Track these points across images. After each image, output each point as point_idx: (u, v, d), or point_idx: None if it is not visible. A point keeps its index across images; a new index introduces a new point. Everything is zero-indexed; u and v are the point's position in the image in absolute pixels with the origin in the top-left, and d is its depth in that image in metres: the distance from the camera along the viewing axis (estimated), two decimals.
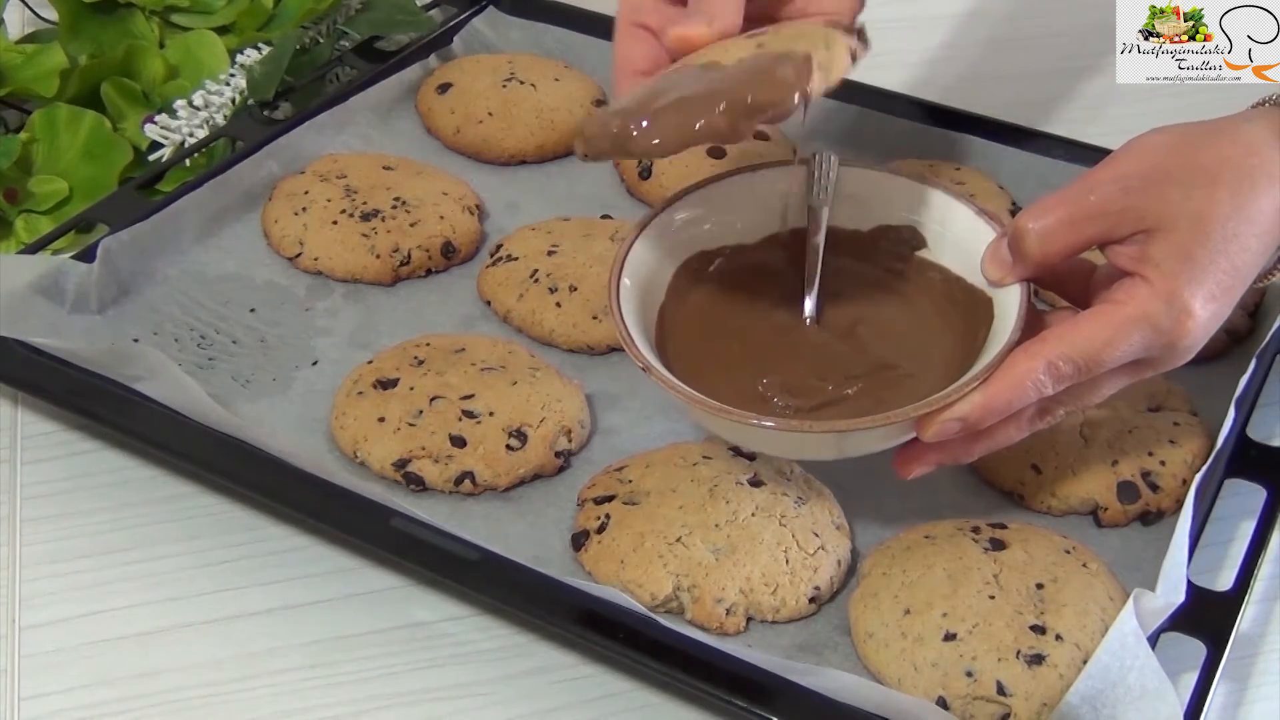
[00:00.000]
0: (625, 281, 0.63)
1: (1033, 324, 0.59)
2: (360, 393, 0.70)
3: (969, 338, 0.62)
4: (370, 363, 0.72)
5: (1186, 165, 0.57)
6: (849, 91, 0.90)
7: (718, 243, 0.67)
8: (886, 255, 0.67)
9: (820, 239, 0.66)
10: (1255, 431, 0.68)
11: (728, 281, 0.67)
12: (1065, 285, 0.62)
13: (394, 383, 0.70)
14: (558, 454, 0.68)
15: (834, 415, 0.60)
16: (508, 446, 0.67)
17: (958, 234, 0.65)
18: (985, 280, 0.62)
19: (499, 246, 0.81)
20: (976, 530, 0.63)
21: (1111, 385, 0.60)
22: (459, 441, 0.67)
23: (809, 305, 0.66)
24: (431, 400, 0.68)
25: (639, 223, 0.65)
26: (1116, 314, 0.57)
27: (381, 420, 0.68)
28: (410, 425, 0.67)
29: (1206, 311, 0.57)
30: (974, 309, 0.63)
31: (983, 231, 0.63)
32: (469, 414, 0.68)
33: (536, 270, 0.77)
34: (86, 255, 0.76)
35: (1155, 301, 0.57)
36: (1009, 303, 0.60)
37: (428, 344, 0.73)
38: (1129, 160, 0.58)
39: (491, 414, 0.68)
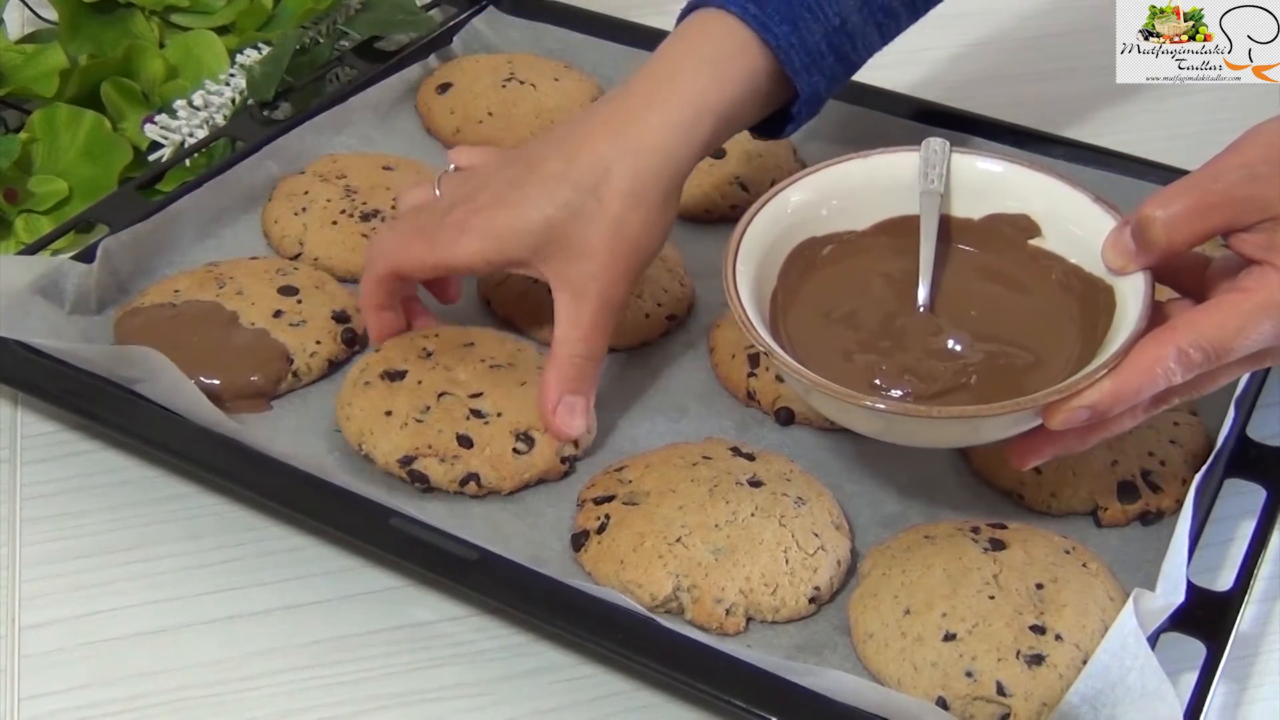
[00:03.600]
0: (740, 268, 0.63)
1: (1152, 315, 0.59)
2: (367, 383, 0.69)
3: (1088, 327, 0.62)
4: (378, 351, 0.72)
5: None
6: (849, 91, 0.90)
7: (829, 228, 0.68)
8: (1000, 243, 0.67)
9: (933, 226, 0.66)
10: (1255, 431, 0.68)
11: (840, 268, 0.67)
12: (1180, 278, 0.62)
13: (402, 374, 0.69)
14: (563, 460, 0.68)
15: (956, 402, 0.61)
16: (515, 450, 0.67)
17: (1074, 222, 0.65)
18: (1106, 268, 0.62)
19: None
20: (976, 530, 0.63)
21: (1231, 374, 0.60)
22: (466, 442, 0.67)
23: (922, 293, 0.65)
24: (439, 396, 0.68)
25: (753, 208, 0.65)
26: (1246, 302, 0.57)
27: (389, 414, 0.68)
28: (418, 421, 0.67)
29: None
30: (1093, 298, 0.63)
31: (1100, 219, 0.63)
32: (477, 413, 0.68)
33: None
34: (86, 255, 0.76)
35: None
36: (1130, 291, 0.60)
37: (436, 335, 0.72)
38: (1254, 147, 0.58)
39: (500, 415, 0.68)
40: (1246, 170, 0.57)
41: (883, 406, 0.59)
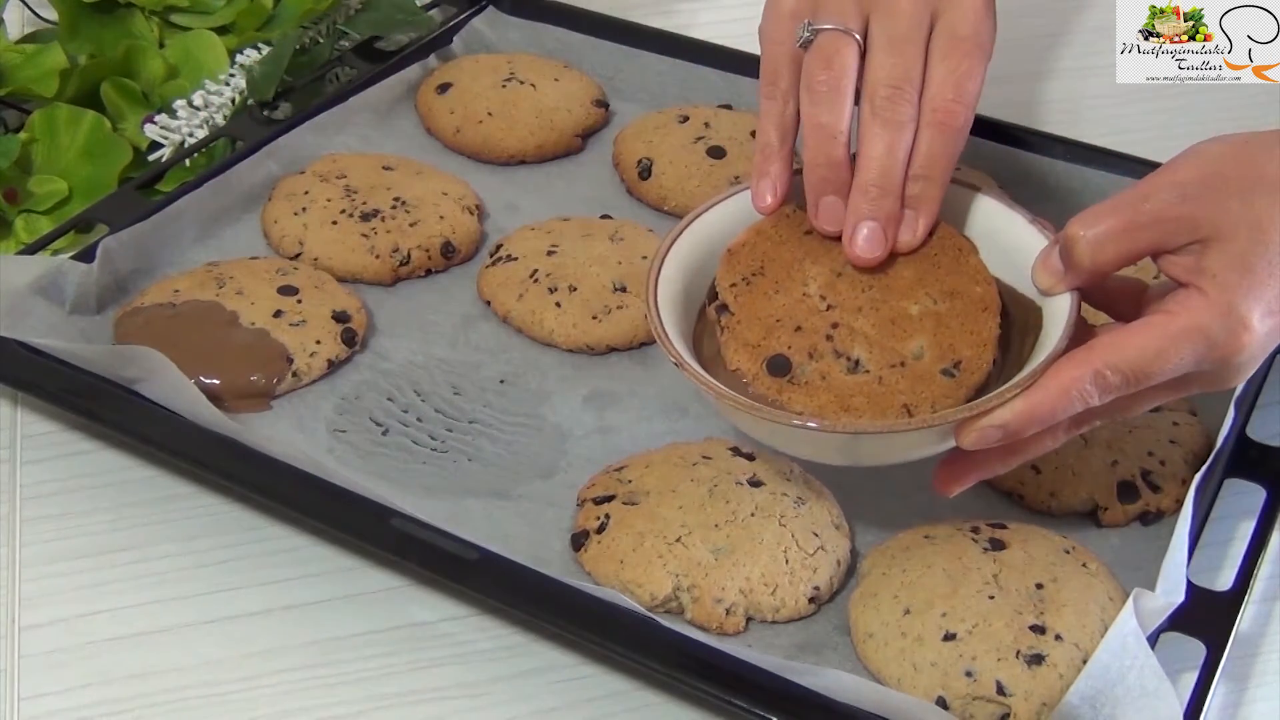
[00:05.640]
0: (667, 273, 0.62)
1: (1081, 336, 0.57)
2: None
3: (1016, 346, 0.61)
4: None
5: (1248, 173, 0.55)
6: None
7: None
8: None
9: None
10: (1255, 431, 0.68)
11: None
12: (1116, 304, 0.60)
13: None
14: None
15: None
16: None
17: (1009, 242, 0.63)
18: (1035, 289, 0.60)
19: (499, 246, 0.81)
20: (976, 530, 0.63)
21: (1156, 399, 0.58)
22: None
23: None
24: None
25: (690, 215, 0.65)
26: (1169, 325, 0.55)
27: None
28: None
29: (1265, 326, 0.55)
30: (1022, 318, 0.61)
31: (1035, 239, 0.61)
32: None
33: (536, 270, 0.77)
34: (86, 255, 0.76)
35: (1210, 314, 0.54)
36: (1057, 312, 0.59)
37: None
38: (1187, 167, 0.56)
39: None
40: (1177, 190, 0.55)
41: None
